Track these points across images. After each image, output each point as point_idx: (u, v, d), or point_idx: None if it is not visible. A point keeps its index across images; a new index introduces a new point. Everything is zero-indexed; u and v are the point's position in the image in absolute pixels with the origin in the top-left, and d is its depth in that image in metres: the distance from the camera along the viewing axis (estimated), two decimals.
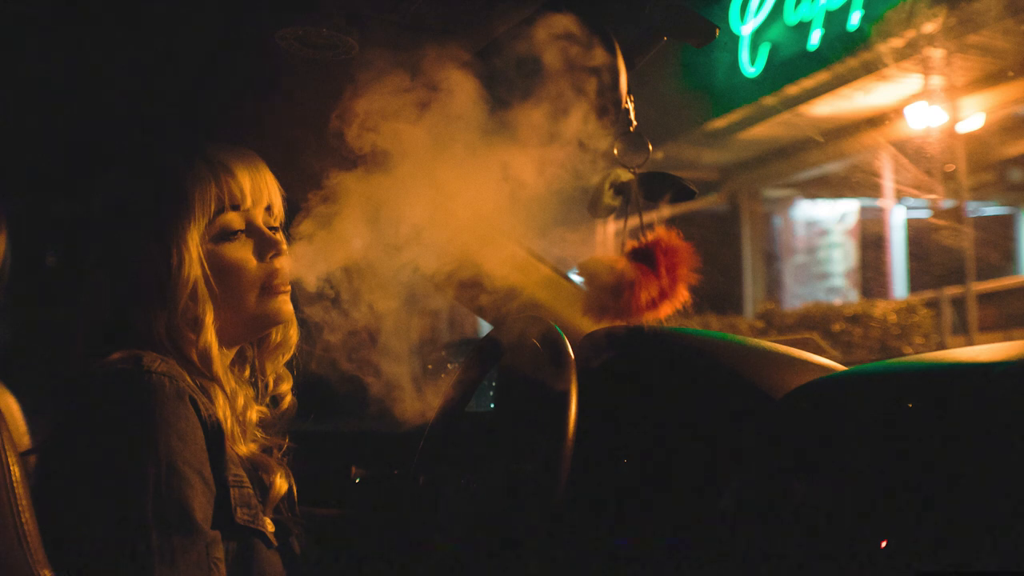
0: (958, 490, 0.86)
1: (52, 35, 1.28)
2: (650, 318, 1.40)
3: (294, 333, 1.29)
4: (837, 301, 8.26)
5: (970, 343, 6.28)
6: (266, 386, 1.29)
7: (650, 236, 1.42)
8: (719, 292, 8.40)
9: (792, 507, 1.01)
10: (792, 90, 7.43)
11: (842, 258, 9.39)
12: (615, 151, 1.42)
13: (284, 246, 1.20)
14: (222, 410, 1.10)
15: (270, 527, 1.13)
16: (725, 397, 1.27)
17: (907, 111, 6.90)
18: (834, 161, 8.71)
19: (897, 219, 8.40)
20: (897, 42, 6.25)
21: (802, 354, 1.38)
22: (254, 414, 1.24)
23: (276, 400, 1.30)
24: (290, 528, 1.21)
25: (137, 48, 1.33)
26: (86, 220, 1.18)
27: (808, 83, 7.27)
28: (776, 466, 1.09)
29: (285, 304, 1.21)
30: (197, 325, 1.11)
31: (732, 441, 1.19)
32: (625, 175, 1.45)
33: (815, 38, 7.03)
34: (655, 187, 1.46)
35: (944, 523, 0.85)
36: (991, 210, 8.08)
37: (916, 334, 6.79)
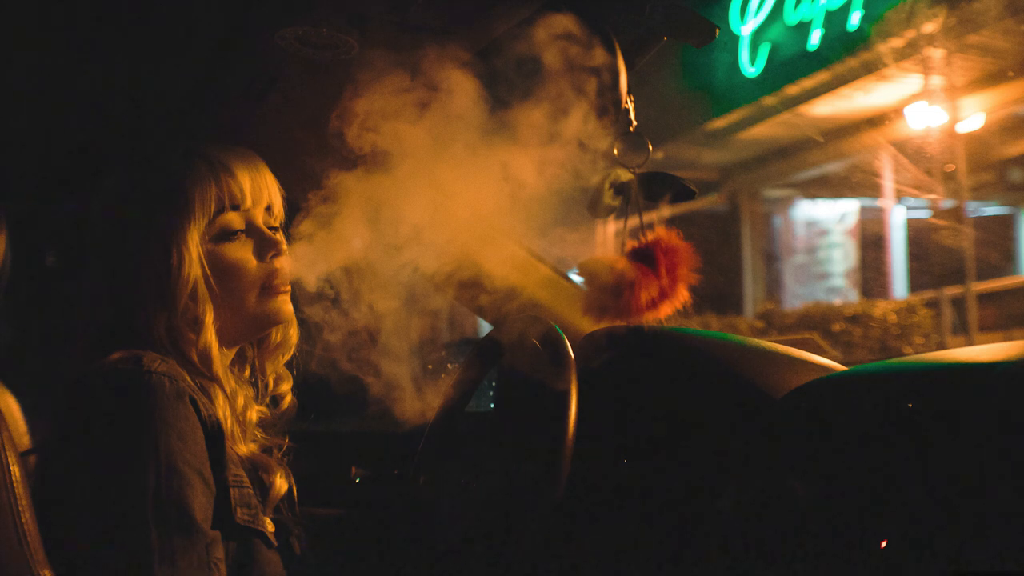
0: (958, 490, 0.86)
1: (53, 36, 1.28)
2: (650, 318, 1.40)
3: (294, 333, 1.29)
4: (837, 301, 8.25)
5: (970, 343, 6.28)
6: (266, 386, 1.29)
7: (650, 236, 1.42)
8: (719, 292, 8.40)
9: (792, 507, 1.01)
10: (792, 90, 7.43)
11: (842, 258, 9.39)
12: (615, 151, 1.42)
13: (284, 246, 1.20)
14: (222, 410, 1.10)
15: (270, 527, 1.13)
16: (725, 397, 1.27)
17: (907, 111, 6.90)
18: (834, 161, 8.71)
19: (897, 219, 8.40)
20: (897, 42, 6.24)
21: (802, 354, 1.38)
22: (254, 414, 1.23)
23: (276, 400, 1.30)
24: (290, 528, 1.21)
25: (138, 48, 1.33)
26: (86, 220, 1.18)
27: (808, 83, 7.26)
28: (776, 466, 1.09)
29: (285, 304, 1.21)
30: (197, 325, 1.11)
31: (732, 441, 1.19)
32: (625, 175, 1.45)
33: (815, 38, 7.02)
34: (655, 187, 1.46)
35: (944, 523, 0.85)
36: (991, 210, 8.08)
37: (916, 334, 6.79)
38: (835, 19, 6.84)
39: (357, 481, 1.89)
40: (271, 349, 1.29)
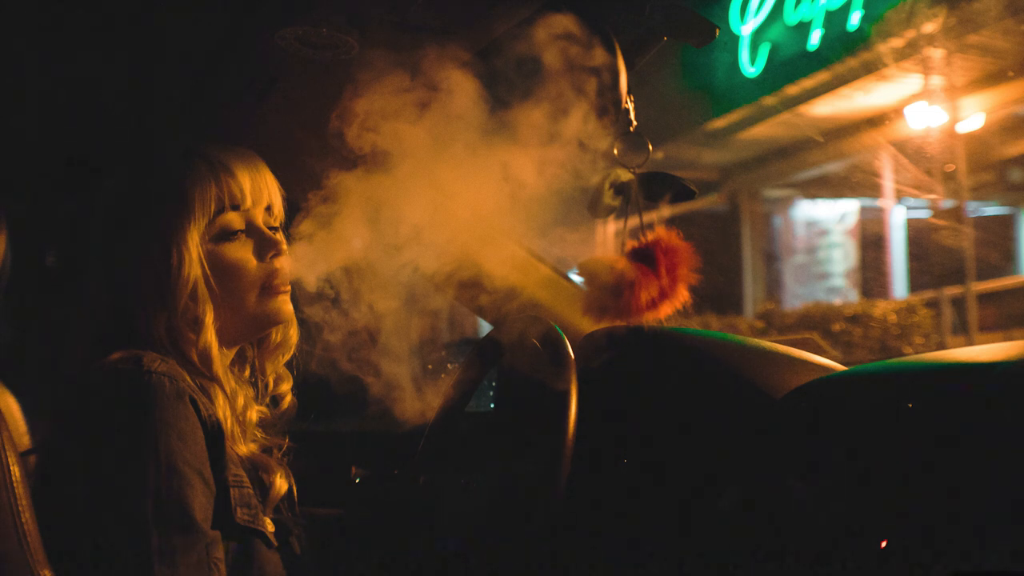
0: (958, 490, 0.86)
1: (53, 36, 1.28)
2: (650, 318, 1.40)
3: (294, 333, 1.29)
4: (837, 301, 8.25)
5: (970, 343, 6.28)
6: (266, 386, 1.29)
7: (650, 236, 1.42)
8: (719, 292, 8.40)
9: (792, 507, 1.01)
10: (792, 90, 7.43)
11: (842, 258, 9.39)
12: (615, 151, 1.42)
13: (284, 246, 1.20)
14: (222, 410, 1.10)
15: (270, 527, 1.13)
16: (725, 397, 1.27)
17: (907, 111, 6.90)
18: (834, 161, 8.71)
19: (897, 219, 8.40)
20: (897, 42, 6.24)
21: (802, 354, 1.38)
22: (254, 414, 1.23)
23: (276, 400, 1.30)
24: (290, 528, 1.21)
25: (138, 48, 1.33)
26: (86, 220, 1.18)
27: (808, 83, 7.26)
28: (776, 466, 1.09)
29: (285, 304, 1.21)
30: (197, 325, 1.11)
31: (732, 441, 1.19)
32: (625, 175, 1.45)
33: (815, 38, 7.02)
34: (655, 187, 1.46)
35: (944, 523, 0.85)
36: (991, 210, 8.08)
37: (916, 334, 6.79)
38: (835, 19, 6.84)
39: (357, 481, 1.89)
40: (271, 349, 1.29)
